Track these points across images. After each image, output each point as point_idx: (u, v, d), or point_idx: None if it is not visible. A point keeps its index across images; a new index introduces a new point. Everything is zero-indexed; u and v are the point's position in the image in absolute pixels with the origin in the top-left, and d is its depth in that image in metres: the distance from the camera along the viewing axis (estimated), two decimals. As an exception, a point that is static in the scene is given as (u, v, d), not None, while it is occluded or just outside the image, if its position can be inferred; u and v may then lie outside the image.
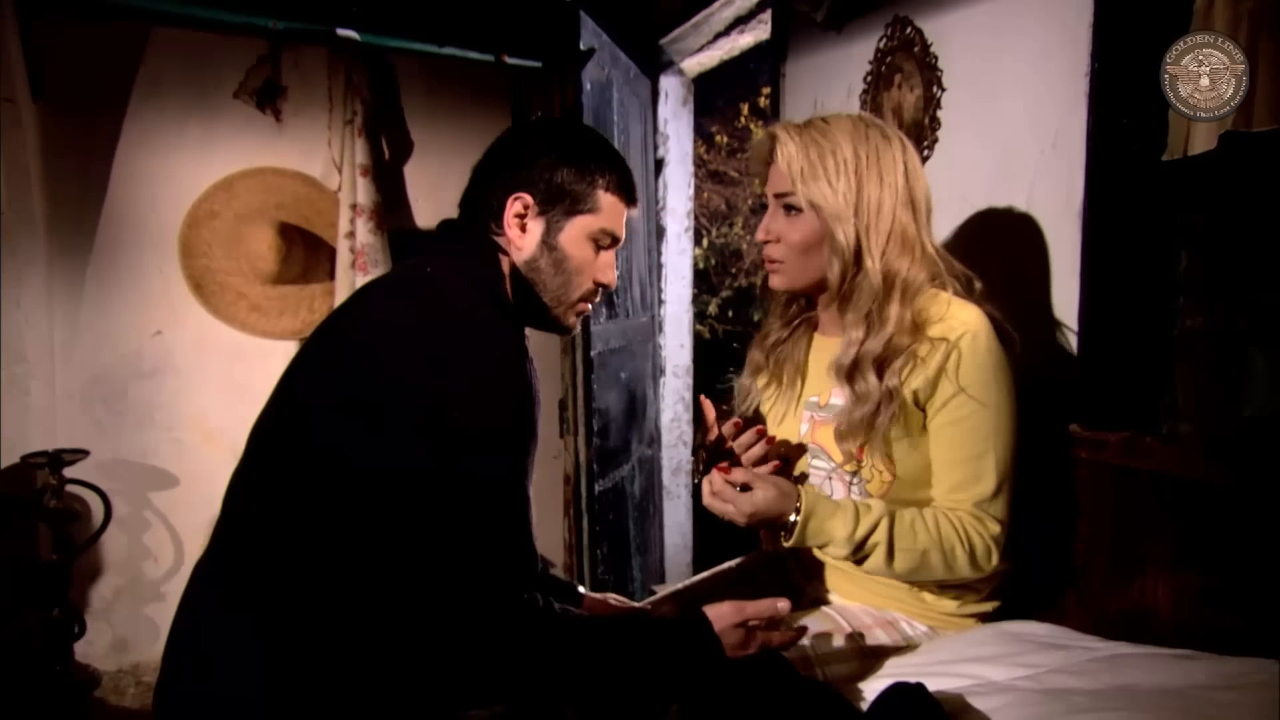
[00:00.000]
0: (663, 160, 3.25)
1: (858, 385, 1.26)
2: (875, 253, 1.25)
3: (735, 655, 1.08)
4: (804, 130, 1.28)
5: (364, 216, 2.72)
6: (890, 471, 1.28)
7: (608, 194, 1.21)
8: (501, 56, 2.87)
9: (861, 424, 1.26)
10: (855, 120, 1.29)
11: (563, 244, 1.20)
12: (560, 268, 1.20)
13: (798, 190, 1.26)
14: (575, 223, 1.19)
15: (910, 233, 1.27)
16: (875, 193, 1.25)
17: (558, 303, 1.22)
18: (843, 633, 1.32)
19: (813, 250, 1.29)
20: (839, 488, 1.36)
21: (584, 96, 2.48)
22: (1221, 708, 0.95)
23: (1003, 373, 1.25)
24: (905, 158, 1.28)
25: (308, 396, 1.10)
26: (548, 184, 1.18)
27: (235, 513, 1.10)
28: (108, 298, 2.66)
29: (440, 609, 0.98)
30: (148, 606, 2.75)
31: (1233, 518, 1.20)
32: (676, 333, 3.36)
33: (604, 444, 2.64)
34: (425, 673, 1.00)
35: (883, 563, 1.22)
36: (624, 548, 2.88)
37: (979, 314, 1.27)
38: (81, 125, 2.58)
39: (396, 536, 0.99)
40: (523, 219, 1.18)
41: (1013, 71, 1.56)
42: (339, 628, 0.99)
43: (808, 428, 1.40)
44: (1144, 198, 1.36)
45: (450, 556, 0.98)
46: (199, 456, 2.75)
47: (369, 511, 1.00)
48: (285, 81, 2.79)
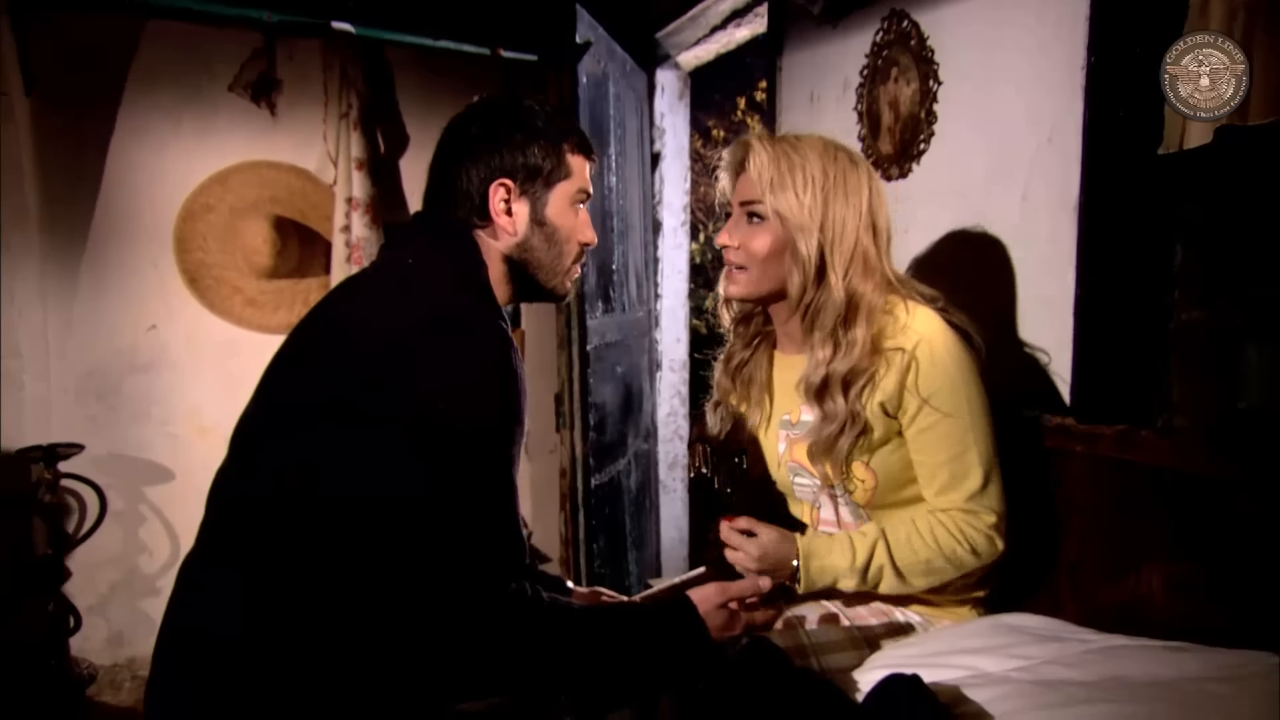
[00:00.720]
0: (659, 154, 3.24)
1: (826, 405, 1.29)
2: (839, 270, 1.27)
3: (721, 636, 1.10)
4: (777, 143, 1.30)
5: (359, 210, 2.71)
6: (872, 478, 1.31)
7: (574, 155, 1.22)
8: (497, 50, 2.86)
9: (827, 442, 1.28)
10: (825, 141, 1.32)
11: (550, 217, 1.20)
12: (553, 239, 1.21)
13: (765, 199, 1.28)
14: (555, 192, 1.20)
15: (872, 256, 1.29)
16: (841, 211, 1.27)
17: (553, 274, 1.23)
18: (837, 623, 1.34)
19: (774, 259, 1.30)
20: (825, 500, 1.38)
21: (580, 90, 2.47)
22: (1216, 699, 0.96)
23: (965, 370, 1.27)
24: (870, 183, 1.31)
25: (291, 396, 1.10)
26: (524, 164, 1.18)
27: (221, 513, 1.10)
28: (102, 292, 2.65)
29: (429, 602, 0.98)
30: (143, 601, 2.74)
31: (1228, 511, 1.20)
32: (673, 327, 3.36)
33: (600, 438, 2.64)
34: (415, 665, 1.00)
35: (895, 582, 1.27)
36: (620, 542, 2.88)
37: (933, 319, 1.28)
38: (75, 119, 2.57)
39: (383, 531, 0.99)
40: (508, 203, 1.18)
41: (1009, 65, 1.56)
42: (328, 623, 0.99)
43: (784, 447, 1.41)
44: (1140, 191, 1.36)
45: (438, 550, 0.98)
46: (194, 451, 2.74)
47: (355, 509, 1.00)
48: (280, 75, 2.78)
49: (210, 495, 1.12)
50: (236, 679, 0.99)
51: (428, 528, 0.98)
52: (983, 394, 1.28)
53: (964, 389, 1.26)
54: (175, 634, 1.07)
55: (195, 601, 1.07)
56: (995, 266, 1.59)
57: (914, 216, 1.78)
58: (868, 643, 1.31)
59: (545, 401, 2.83)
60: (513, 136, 1.18)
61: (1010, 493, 1.30)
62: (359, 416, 1.00)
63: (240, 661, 0.99)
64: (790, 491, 1.43)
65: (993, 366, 1.34)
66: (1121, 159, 1.36)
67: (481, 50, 2.86)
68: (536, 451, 3.21)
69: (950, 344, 1.27)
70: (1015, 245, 1.56)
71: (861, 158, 1.34)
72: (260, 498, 1.04)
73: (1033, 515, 1.44)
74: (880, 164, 1.89)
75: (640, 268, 3.08)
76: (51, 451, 2.38)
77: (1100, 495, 1.37)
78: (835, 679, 1.23)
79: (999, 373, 1.53)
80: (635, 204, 2.99)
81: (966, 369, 1.27)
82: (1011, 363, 1.54)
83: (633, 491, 3.00)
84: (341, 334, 1.10)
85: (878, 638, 1.33)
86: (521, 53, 2.88)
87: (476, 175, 1.18)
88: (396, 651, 0.99)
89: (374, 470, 0.99)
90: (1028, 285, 1.54)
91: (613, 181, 2.70)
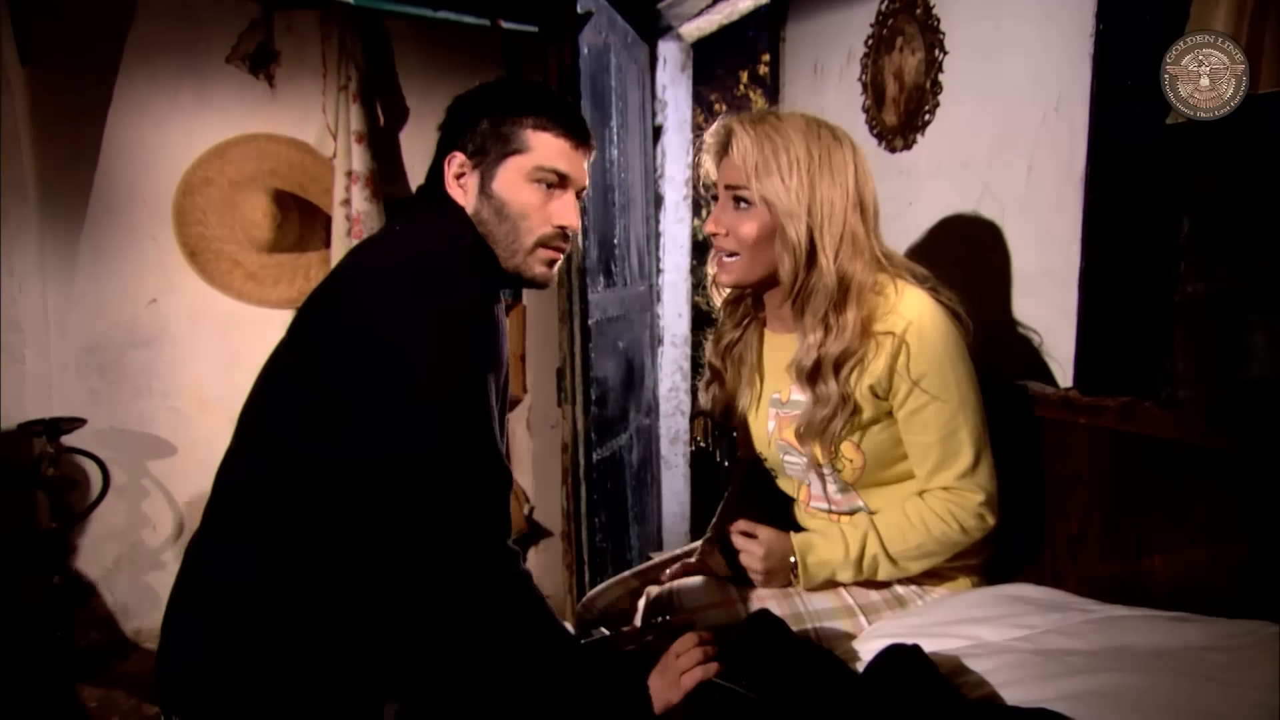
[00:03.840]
0: (661, 127, 3.21)
1: (819, 388, 1.28)
2: (829, 253, 1.26)
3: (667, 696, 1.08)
4: (759, 125, 1.28)
5: (359, 183, 2.70)
6: (860, 458, 1.31)
7: (538, 131, 1.19)
8: (497, 21, 2.83)
9: (820, 424, 1.29)
10: (808, 120, 1.30)
11: (497, 190, 1.19)
12: (502, 214, 1.19)
13: (751, 185, 1.27)
14: (507, 165, 1.19)
15: (860, 235, 1.28)
16: (828, 192, 1.26)
17: (511, 252, 1.20)
18: (834, 593, 1.35)
19: (763, 245, 1.29)
20: (814, 478, 1.38)
21: (581, 61, 2.44)
22: (1216, 669, 0.96)
23: (954, 351, 1.26)
24: (855, 160, 1.29)
25: (291, 364, 1.14)
26: (474, 136, 1.20)
27: (231, 483, 1.14)
28: (101, 265, 2.64)
29: (425, 553, 1.04)
30: (147, 574, 2.76)
31: (1230, 482, 1.20)
32: (674, 302, 3.35)
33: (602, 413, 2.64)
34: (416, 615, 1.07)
35: (891, 569, 1.31)
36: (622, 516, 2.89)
37: (921, 300, 1.28)
38: (72, 90, 2.55)
39: (382, 487, 1.04)
40: (461, 177, 1.21)
41: (1016, 33, 1.54)
42: (336, 566, 1.06)
43: (774, 425, 1.41)
44: (1148, 162, 1.35)
45: (431, 498, 1.03)
46: (196, 425, 2.75)
47: (357, 472, 1.05)
48: (278, 46, 2.75)
49: (220, 470, 1.16)
50: (255, 619, 1.05)
51: (420, 475, 1.02)
52: (972, 373, 1.28)
53: (953, 370, 1.26)
54: (185, 601, 1.12)
55: (208, 567, 1.11)
56: (999, 238, 1.58)
57: (919, 188, 1.77)
58: (864, 611, 1.32)
59: (547, 376, 2.83)
60: (471, 112, 1.21)
61: (1012, 465, 1.31)
62: (352, 374, 1.05)
63: (255, 622, 1.05)
64: (780, 468, 1.43)
65: (995, 338, 1.33)
66: (1129, 129, 1.35)
67: (481, 21, 2.83)
68: (539, 427, 3.22)
69: (939, 325, 1.26)
70: (1020, 217, 1.55)
71: (844, 133, 1.32)
72: (270, 468, 1.09)
73: (1034, 487, 1.44)
74: (884, 135, 1.87)
75: (642, 242, 3.07)
76: (54, 425, 2.38)
77: (1103, 467, 1.37)
78: (833, 647, 1.24)
79: (1001, 345, 1.52)
80: (637, 178, 2.97)
81: (955, 350, 1.26)
82: (1015, 334, 1.54)
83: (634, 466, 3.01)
84: (334, 295, 1.15)
85: (874, 605, 1.34)
86: (522, 24, 2.85)
87: (440, 150, 1.23)
88: (399, 594, 1.07)
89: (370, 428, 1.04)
90: (1032, 257, 1.53)
91: (614, 155, 2.67)
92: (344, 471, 1.05)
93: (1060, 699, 0.91)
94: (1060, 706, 0.89)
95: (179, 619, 1.11)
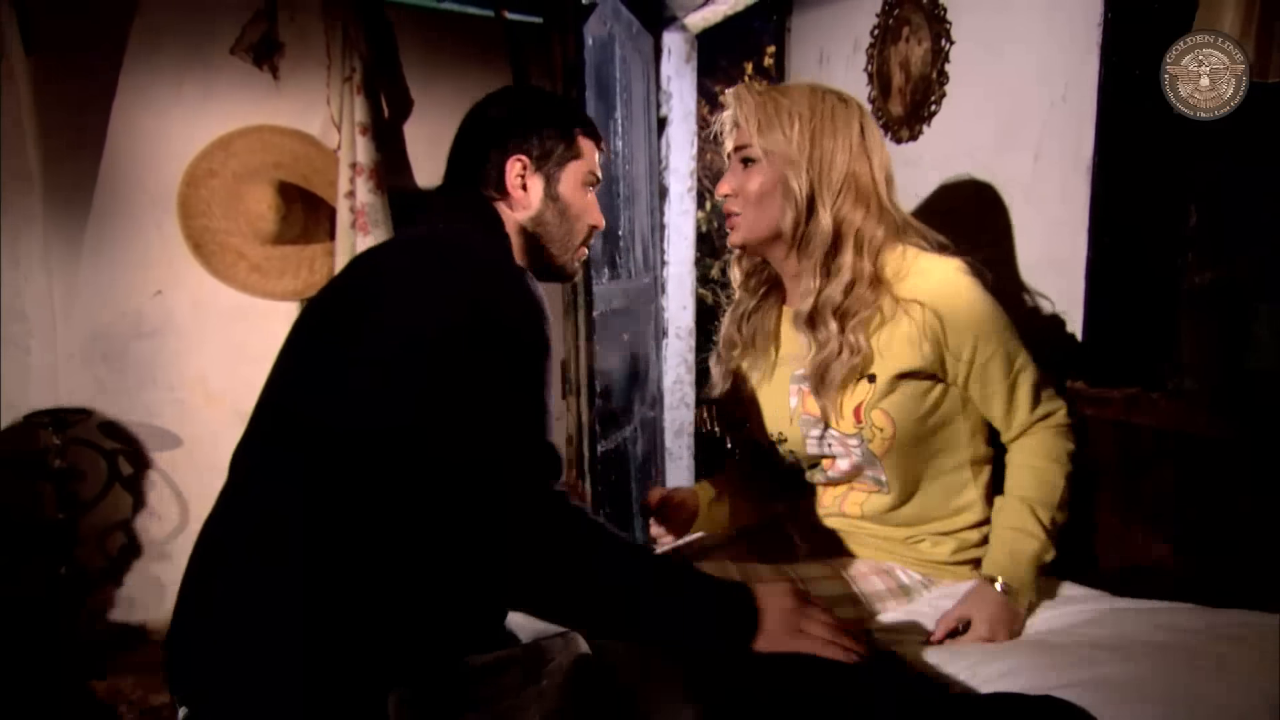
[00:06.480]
0: (665, 119, 3.20)
1: (819, 332, 1.30)
2: (828, 202, 1.29)
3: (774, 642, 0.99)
4: (764, 90, 1.34)
5: (364, 175, 2.69)
6: (890, 425, 1.29)
7: (585, 139, 1.30)
8: (501, 11, 2.82)
9: (820, 369, 1.29)
10: (813, 86, 1.34)
11: (563, 193, 1.28)
12: (565, 216, 1.29)
13: (754, 141, 1.31)
14: (568, 170, 1.28)
15: (865, 185, 1.30)
16: (829, 144, 1.29)
17: (564, 250, 1.31)
18: (839, 580, 1.34)
19: (768, 199, 1.31)
20: (839, 449, 1.36)
21: (585, 52, 2.43)
22: (1219, 659, 0.96)
23: (985, 306, 1.28)
24: (862, 120, 1.32)
25: (327, 351, 1.09)
26: (539, 141, 1.27)
27: (255, 470, 1.10)
28: (106, 256, 2.64)
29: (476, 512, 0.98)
30: (153, 566, 2.77)
31: (1235, 473, 1.20)
32: (679, 294, 3.34)
33: (606, 405, 2.64)
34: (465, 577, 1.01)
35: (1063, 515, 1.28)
36: (626, 508, 2.89)
37: (949, 266, 1.29)
38: (76, 80, 2.54)
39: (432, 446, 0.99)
40: (523, 178, 1.27)
41: (1023, 22, 1.53)
42: (370, 556, 1.00)
43: (797, 400, 1.40)
44: (1155, 150, 1.34)
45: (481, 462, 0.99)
46: (201, 417, 2.75)
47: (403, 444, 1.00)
48: (282, 37, 2.74)
49: (235, 455, 1.12)
50: (276, 609, 0.99)
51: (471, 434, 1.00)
52: (1003, 314, 1.30)
53: (990, 324, 1.27)
54: (203, 588, 1.07)
55: (229, 553, 1.06)
56: (1006, 229, 1.57)
57: (925, 179, 1.76)
58: (869, 599, 1.31)
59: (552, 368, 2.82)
60: (530, 117, 1.28)
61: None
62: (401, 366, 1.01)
63: (290, 604, 0.99)
64: (802, 448, 1.41)
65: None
66: (1137, 117, 1.34)
67: (485, 12, 2.82)
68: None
69: (964, 287, 1.28)
70: (1027, 207, 1.54)
71: (852, 97, 1.34)
72: (299, 452, 1.04)
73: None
74: (890, 126, 1.86)
75: (647, 234, 3.06)
76: (60, 417, 2.39)
77: (1109, 458, 1.36)
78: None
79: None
80: (641, 169, 2.96)
81: (984, 304, 1.28)
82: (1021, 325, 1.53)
83: (639, 459, 3.01)
84: (377, 288, 1.11)
85: (879, 593, 1.33)
86: (526, 14, 2.84)
87: (495, 153, 1.26)
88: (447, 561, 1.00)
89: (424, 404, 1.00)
90: (1039, 247, 1.53)
91: (619, 146, 2.67)
92: (391, 443, 1.00)
93: (1065, 687, 0.91)
94: (1065, 695, 0.89)
95: (192, 608, 1.07)
